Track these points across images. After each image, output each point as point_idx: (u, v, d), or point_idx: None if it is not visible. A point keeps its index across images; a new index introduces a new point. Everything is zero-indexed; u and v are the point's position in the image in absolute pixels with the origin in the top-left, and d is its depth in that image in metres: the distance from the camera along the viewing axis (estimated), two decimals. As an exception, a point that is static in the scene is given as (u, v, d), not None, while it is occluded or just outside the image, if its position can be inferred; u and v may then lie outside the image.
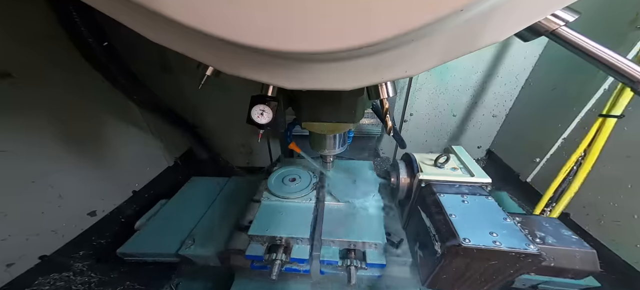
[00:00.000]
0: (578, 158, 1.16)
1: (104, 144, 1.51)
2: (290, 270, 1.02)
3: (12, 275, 1.12)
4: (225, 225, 1.33)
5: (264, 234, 1.00)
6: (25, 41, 1.12)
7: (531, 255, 0.66)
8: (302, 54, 0.35)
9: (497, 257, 0.68)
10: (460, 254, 0.69)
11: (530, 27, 0.40)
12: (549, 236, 0.78)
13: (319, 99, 0.80)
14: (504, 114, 1.91)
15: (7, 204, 1.10)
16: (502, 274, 0.73)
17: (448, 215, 0.77)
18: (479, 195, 0.87)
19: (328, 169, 1.20)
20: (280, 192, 1.16)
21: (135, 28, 0.40)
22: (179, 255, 1.24)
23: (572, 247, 0.75)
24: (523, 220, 0.82)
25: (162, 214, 1.51)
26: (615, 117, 1.05)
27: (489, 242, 0.68)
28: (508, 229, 0.72)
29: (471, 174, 0.95)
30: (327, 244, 1.01)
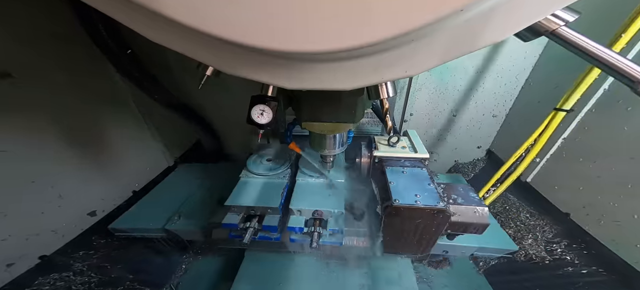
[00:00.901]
0: (528, 146, 1.30)
1: (104, 144, 1.51)
2: (263, 237, 1.16)
3: (12, 275, 1.12)
4: (209, 205, 1.47)
5: (238, 203, 1.13)
6: (25, 41, 1.12)
7: (441, 211, 0.84)
8: (303, 54, 0.35)
9: (418, 214, 0.86)
10: (392, 212, 0.86)
11: (530, 27, 0.40)
12: (459, 197, 0.95)
13: (319, 99, 0.80)
14: (504, 114, 1.91)
15: (7, 204, 1.10)
16: (428, 229, 0.90)
17: (388, 182, 0.94)
18: (415, 168, 1.04)
19: (328, 169, 1.21)
20: (258, 170, 1.30)
21: (135, 28, 0.40)
22: (166, 230, 1.37)
23: (472, 205, 0.92)
24: (446, 187, 0.98)
25: (151, 195, 1.66)
26: (565, 111, 1.17)
27: (412, 201, 0.86)
28: (429, 192, 0.90)
29: (415, 151, 1.12)
30: (294, 213, 1.13)
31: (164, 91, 1.54)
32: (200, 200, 1.56)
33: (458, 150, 2.12)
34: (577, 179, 1.36)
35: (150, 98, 1.48)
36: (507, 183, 1.40)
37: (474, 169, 2.11)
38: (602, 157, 1.26)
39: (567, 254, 1.35)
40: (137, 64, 1.34)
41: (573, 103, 1.15)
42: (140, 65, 1.36)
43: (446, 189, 0.97)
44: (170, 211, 1.46)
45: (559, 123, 1.20)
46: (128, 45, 1.26)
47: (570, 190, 1.40)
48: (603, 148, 1.26)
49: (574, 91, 1.13)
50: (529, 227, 1.54)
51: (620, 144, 1.19)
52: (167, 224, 1.37)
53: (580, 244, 1.34)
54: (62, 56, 1.23)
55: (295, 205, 1.12)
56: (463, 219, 0.91)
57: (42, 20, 1.15)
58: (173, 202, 1.53)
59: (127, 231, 1.42)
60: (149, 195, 1.64)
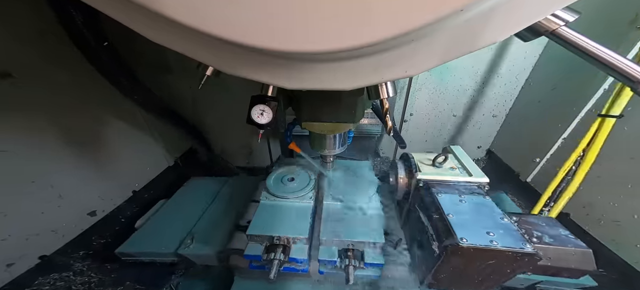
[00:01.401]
0: (577, 158, 1.16)
1: (104, 144, 1.51)
2: (289, 269, 1.02)
3: (12, 275, 1.12)
4: (225, 225, 1.33)
5: (262, 233, 1.00)
6: (25, 41, 1.12)
7: (527, 255, 0.67)
8: (303, 54, 0.35)
9: (494, 257, 0.69)
10: (457, 253, 0.69)
11: (530, 27, 0.40)
12: (546, 235, 0.78)
13: (319, 99, 0.80)
14: (504, 114, 1.91)
15: (7, 204, 1.10)
16: (499, 273, 0.73)
17: (445, 214, 0.77)
18: (476, 195, 0.87)
19: (328, 169, 1.20)
20: (279, 192, 1.16)
21: (135, 28, 0.40)
22: (178, 254, 1.24)
23: (568, 246, 0.75)
24: (520, 219, 0.82)
25: (161, 213, 1.52)
26: (614, 117, 1.04)
27: (485, 241, 0.68)
28: (505, 228, 0.73)
29: (469, 173, 0.95)
30: (325, 244, 1.01)
31: (145, 91, 1.42)
32: (214, 220, 1.42)
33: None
34: (577, 179, 1.36)
35: (129, 98, 1.37)
36: (564, 200, 1.20)
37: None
38: (603, 158, 1.26)
39: (567, 254, 1.35)
40: (115, 60, 1.22)
41: (622, 107, 1.03)
42: (120, 61, 1.24)
43: (522, 223, 0.80)
44: (182, 232, 1.33)
45: (610, 130, 1.08)
46: (105, 37, 1.15)
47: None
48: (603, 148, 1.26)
49: (620, 94, 1.01)
50: (529, 227, 1.54)
51: (620, 144, 1.19)
52: (180, 248, 1.25)
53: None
54: (62, 56, 1.23)
55: (327, 234, 1.00)
56: (557, 263, 0.74)
57: (42, 20, 1.15)
58: (184, 222, 1.40)
59: (136, 256, 1.31)
60: (158, 214, 1.51)
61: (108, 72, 1.24)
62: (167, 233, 1.36)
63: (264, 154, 2.18)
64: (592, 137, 1.11)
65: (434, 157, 1.00)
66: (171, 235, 1.33)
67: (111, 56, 1.20)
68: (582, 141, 1.13)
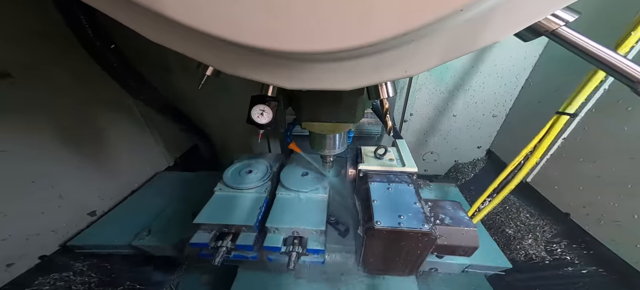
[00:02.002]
0: (527, 153, 1.23)
1: (104, 144, 1.51)
2: (238, 256, 1.07)
3: (12, 275, 1.12)
4: (186, 218, 1.32)
5: (208, 221, 1.04)
6: (25, 41, 1.12)
7: (425, 233, 0.76)
8: (303, 54, 0.35)
9: (401, 236, 0.78)
10: (374, 235, 0.78)
11: (530, 27, 0.40)
12: (447, 217, 0.86)
13: (319, 99, 0.80)
14: (504, 114, 1.91)
15: (7, 204, 1.10)
16: (412, 252, 0.82)
17: (372, 200, 0.86)
18: (402, 183, 0.95)
19: (328, 169, 1.20)
20: (234, 184, 1.20)
21: (135, 28, 0.40)
22: (132, 246, 1.27)
23: (460, 226, 0.84)
24: (433, 205, 0.91)
25: (121, 207, 1.55)
26: (568, 114, 1.11)
27: (395, 223, 0.77)
28: (414, 212, 0.82)
29: (403, 164, 1.03)
30: (271, 231, 1.06)
31: (152, 91, 1.45)
32: (175, 214, 1.43)
33: (458, 150, 2.12)
34: (577, 179, 1.36)
35: (136, 99, 1.40)
36: (508, 189, 1.31)
37: (474, 169, 2.12)
38: (602, 157, 1.26)
39: (567, 254, 1.35)
40: (123, 61, 1.26)
41: (576, 107, 1.11)
42: (126, 62, 1.28)
43: (433, 208, 0.89)
44: (139, 225, 1.35)
45: (562, 127, 1.15)
46: (112, 40, 1.19)
47: (570, 190, 1.40)
48: (603, 148, 1.26)
49: (577, 95, 1.09)
50: (529, 227, 1.54)
51: (620, 144, 1.19)
52: (134, 239, 1.26)
53: (580, 244, 1.34)
54: (62, 56, 1.23)
55: (273, 222, 1.05)
56: (450, 241, 0.83)
57: (42, 20, 1.15)
58: (144, 216, 1.41)
59: (89, 248, 1.30)
60: (118, 208, 1.53)
61: (116, 74, 1.28)
62: (124, 226, 1.37)
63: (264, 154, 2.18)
64: (545, 133, 1.17)
65: (375, 149, 1.08)
66: (128, 228, 1.35)
67: (118, 58, 1.24)
68: (535, 137, 1.20)
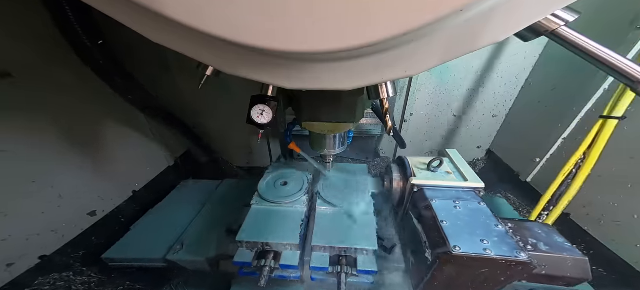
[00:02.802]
0: (577, 161, 1.13)
1: (104, 144, 1.51)
2: (281, 277, 1.00)
3: (12, 275, 1.12)
4: (216, 230, 1.29)
5: (252, 239, 0.98)
6: (25, 41, 1.12)
7: (521, 263, 0.65)
8: (303, 54, 0.35)
9: (488, 265, 0.67)
10: (450, 261, 0.68)
11: (531, 27, 0.40)
12: (541, 243, 0.76)
13: (319, 99, 0.80)
14: (504, 114, 1.91)
15: (7, 204, 1.10)
16: (493, 281, 0.72)
17: (439, 221, 0.76)
18: (471, 201, 0.86)
19: (328, 169, 1.20)
20: (271, 197, 1.13)
21: (135, 28, 0.40)
22: (166, 260, 1.21)
23: (564, 254, 0.74)
24: (515, 226, 0.80)
25: (150, 218, 1.48)
26: (616, 118, 1.02)
27: (479, 249, 0.67)
28: (499, 236, 0.71)
29: (464, 178, 0.94)
30: (317, 250, 0.99)
31: (141, 92, 1.41)
32: (205, 225, 1.38)
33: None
34: (577, 179, 1.36)
35: (123, 98, 1.36)
36: (564, 204, 1.18)
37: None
38: (602, 157, 1.26)
39: (567, 254, 1.35)
40: (110, 58, 1.20)
41: (625, 109, 1.01)
42: (115, 60, 1.24)
43: (517, 230, 0.78)
44: (171, 237, 1.30)
45: (612, 132, 1.06)
46: (101, 35, 1.14)
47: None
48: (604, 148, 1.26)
49: (622, 95, 0.99)
50: (529, 227, 1.54)
51: (620, 144, 1.19)
52: (168, 253, 1.22)
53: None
54: (62, 56, 1.23)
55: (318, 240, 0.97)
56: (551, 271, 0.72)
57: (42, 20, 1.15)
58: (174, 227, 1.37)
59: (123, 261, 1.28)
60: (146, 219, 1.48)
61: (102, 70, 1.22)
62: (156, 238, 1.32)
63: (264, 154, 2.18)
64: (594, 139, 1.08)
65: (429, 161, 0.98)
66: (160, 240, 1.29)
67: (105, 55, 1.19)
68: (583, 143, 1.11)
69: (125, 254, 1.27)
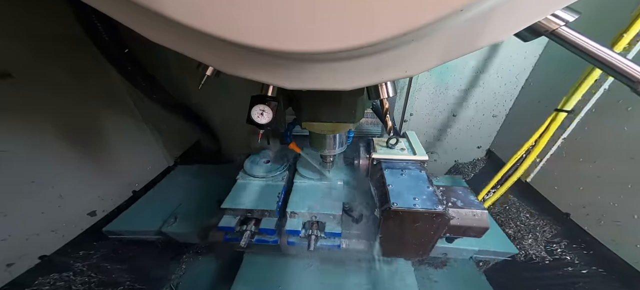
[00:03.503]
0: (529, 147, 1.28)
1: (104, 143, 1.51)
2: (260, 241, 1.15)
3: (12, 275, 1.12)
4: (208, 207, 1.44)
5: (235, 206, 1.12)
6: (26, 41, 1.12)
7: (439, 214, 0.83)
8: (303, 54, 0.35)
9: (417, 217, 0.84)
10: (390, 215, 0.85)
11: (531, 27, 0.40)
12: (459, 200, 0.93)
13: (319, 99, 0.80)
14: (504, 114, 1.91)
15: (7, 204, 1.10)
16: (426, 234, 0.89)
17: (387, 185, 0.93)
18: (414, 170, 1.02)
19: (328, 169, 1.20)
20: (255, 172, 1.29)
21: (135, 28, 0.40)
22: (161, 232, 1.35)
23: (471, 208, 0.90)
24: (444, 189, 0.97)
25: (147, 196, 1.63)
26: (565, 111, 1.16)
27: (410, 204, 0.84)
28: (427, 195, 0.89)
29: (414, 153, 1.10)
30: (291, 217, 1.12)
31: (162, 91, 1.53)
32: (197, 202, 1.53)
33: (458, 150, 2.12)
34: (577, 179, 1.36)
35: (148, 98, 1.47)
36: (507, 185, 1.38)
37: (474, 169, 2.11)
38: (602, 157, 1.26)
39: (567, 254, 1.35)
40: (136, 64, 1.33)
41: (574, 104, 1.15)
42: (139, 65, 1.35)
43: (445, 192, 0.95)
44: (167, 213, 1.44)
45: (559, 124, 1.19)
46: (126, 44, 1.24)
47: (570, 190, 1.40)
48: (603, 148, 1.26)
49: (575, 92, 1.12)
50: (529, 227, 1.54)
51: (620, 144, 1.19)
52: (163, 226, 1.35)
53: (580, 244, 1.34)
54: (62, 56, 1.23)
55: (292, 208, 1.12)
56: (462, 222, 0.90)
57: (42, 20, 1.15)
58: (170, 204, 1.51)
59: (122, 233, 1.40)
60: (145, 198, 1.62)
61: (131, 77, 1.34)
62: (153, 213, 1.47)
63: (264, 154, 2.18)
64: (545, 128, 1.22)
65: (387, 139, 1.14)
66: (156, 215, 1.44)
67: (132, 62, 1.29)
68: (536, 132, 1.25)
69: (123, 227, 1.40)
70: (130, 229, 1.39)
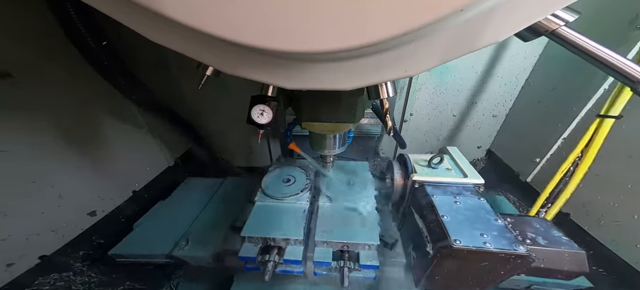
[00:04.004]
0: (575, 159, 1.15)
1: (104, 144, 1.51)
2: (284, 271, 1.01)
3: (12, 275, 1.12)
4: (221, 227, 1.32)
5: (256, 234, 0.99)
6: (25, 41, 1.12)
7: (520, 256, 0.67)
8: (303, 54, 0.35)
9: (487, 258, 0.69)
10: (451, 255, 0.70)
11: (531, 27, 0.40)
12: (540, 237, 0.79)
13: (319, 99, 0.80)
14: (504, 114, 1.91)
15: (7, 204, 1.10)
16: (493, 274, 0.73)
17: (440, 216, 0.78)
18: (471, 197, 0.87)
19: (328, 169, 1.20)
20: (275, 193, 1.15)
21: (135, 28, 0.40)
22: (172, 256, 1.23)
23: (561, 248, 0.76)
24: (514, 221, 0.82)
25: (156, 214, 1.50)
26: (613, 117, 1.04)
27: (479, 243, 0.69)
28: (498, 230, 0.73)
29: (464, 175, 0.96)
30: (320, 245, 1.00)
31: (145, 92, 1.43)
32: (210, 222, 1.40)
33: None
34: (577, 179, 1.36)
35: (127, 98, 1.39)
36: (561, 201, 1.20)
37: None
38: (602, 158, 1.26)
39: (567, 254, 1.35)
40: (113, 59, 1.23)
41: (621, 108, 1.03)
42: (117, 61, 1.25)
43: (516, 225, 0.80)
44: (177, 233, 1.32)
45: (609, 130, 1.07)
46: (105, 36, 1.15)
47: (570, 190, 1.40)
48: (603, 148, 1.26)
49: (620, 94, 1.01)
50: (529, 227, 1.54)
51: (619, 143, 1.19)
52: (174, 249, 1.24)
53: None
54: (63, 56, 1.23)
55: (321, 236, 0.99)
56: (549, 265, 0.74)
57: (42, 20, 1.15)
58: (179, 224, 1.38)
59: (130, 257, 1.28)
60: (151, 215, 1.49)
61: (106, 72, 1.24)
62: (162, 234, 1.33)
63: (264, 154, 2.18)
64: (591, 137, 1.10)
65: (430, 158, 1.00)
66: (166, 236, 1.31)
67: (109, 55, 1.20)
68: (580, 142, 1.13)
69: (131, 250, 1.28)
70: (137, 252, 1.28)
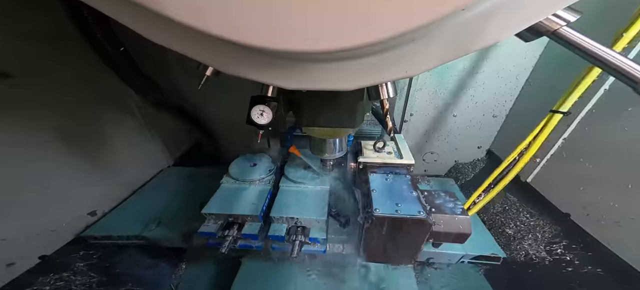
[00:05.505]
0: (521, 150, 1.25)
1: (104, 144, 1.51)
2: (244, 246, 1.12)
3: (12, 275, 1.12)
4: (193, 209, 1.37)
5: (216, 211, 1.09)
6: (25, 41, 1.12)
7: (421, 220, 0.81)
8: (303, 53, 0.35)
9: (398, 224, 0.83)
10: (373, 222, 0.84)
11: (531, 27, 0.40)
12: (442, 206, 0.92)
13: (319, 101, 0.80)
14: (504, 114, 1.91)
15: (7, 204, 1.10)
16: (409, 240, 0.87)
17: (371, 190, 0.91)
18: (400, 175, 1.01)
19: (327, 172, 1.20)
20: (240, 176, 1.25)
21: (135, 28, 0.40)
22: (142, 237, 1.31)
23: (454, 214, 0.90)
24: (428, 194, 0.96)
25: (130, 200, 1.59)
26: (562, 113, 1.13)
27: (392, 210, 0.83)
28: (411, 200, 0.87)
29: (401, 157, 1.08)
30: (276, 221, 1.10)
31: (158, 92, 1.53)
32: (183, 206, 1.49)
33: (458, 150, 2.12)
34: (577, 179, 1.36)
35: (143, 98, 1.47)
36: (501, 186, 1.34)
37: (474, 169, 2.11)
38: (602, 157, 1.26)
39: (567, 254, 1.35)
40: (130, 63, 1.32)
41: (570, 105, 1.12)
42: (134, 64, 1.35)
43: (429, 197, 0.94)
44: (151, 217, 1.40)
45: (555, 125, 1.16)
46: (121, 42, 1.23)
47: (570, 190, 1.40)
48: (603, 148, 1.26)
49: (571, 93, 1.11)
50: (529, 227, 1.54)
51: (620, 144, 1.19)
52: (145, 230, 1.31)
53: (580, 244, 1.34)
54: (62, 56, 1.23)
55: (276, 212, 1.09)
56: (445, 228, 0.88)
57: (42, 20, 1.15)
58: (154, 208, 1.47)
59: (102, 239, 1.35)
60: (130, 201, 1.58)
61: (127, 77, 1.34)
62: (137, 217, 1.42)
63: (264, 154, 2.18)
64: (539, 130, 1.19)
65: (374, 142, 1.13)
66: (140, 219, 1.40)
67: (127, 61, 1.30)
68: (529, 134, 1.22)
69: (103, 232, 1.36)
70: (109, 233, 1.34)
